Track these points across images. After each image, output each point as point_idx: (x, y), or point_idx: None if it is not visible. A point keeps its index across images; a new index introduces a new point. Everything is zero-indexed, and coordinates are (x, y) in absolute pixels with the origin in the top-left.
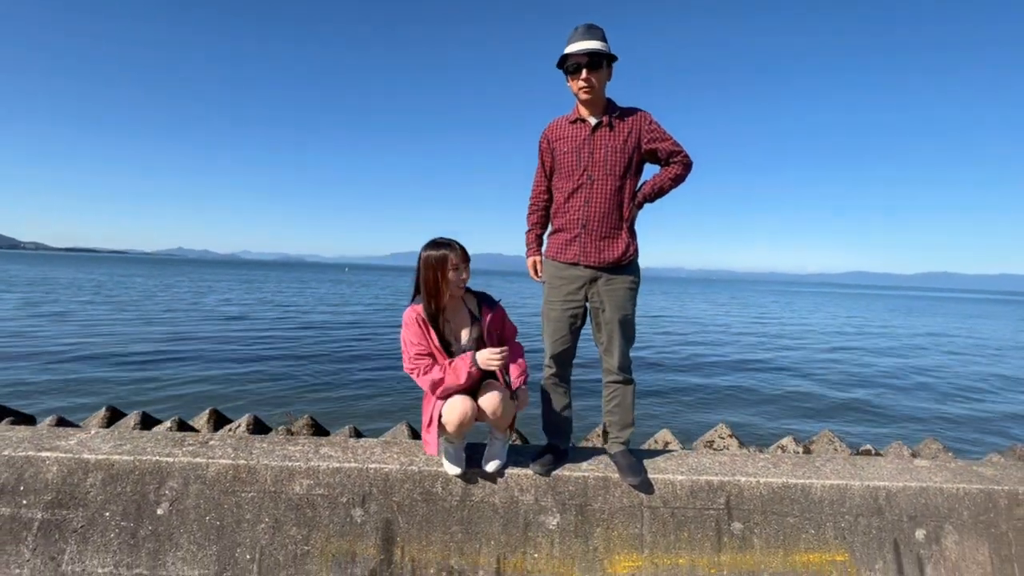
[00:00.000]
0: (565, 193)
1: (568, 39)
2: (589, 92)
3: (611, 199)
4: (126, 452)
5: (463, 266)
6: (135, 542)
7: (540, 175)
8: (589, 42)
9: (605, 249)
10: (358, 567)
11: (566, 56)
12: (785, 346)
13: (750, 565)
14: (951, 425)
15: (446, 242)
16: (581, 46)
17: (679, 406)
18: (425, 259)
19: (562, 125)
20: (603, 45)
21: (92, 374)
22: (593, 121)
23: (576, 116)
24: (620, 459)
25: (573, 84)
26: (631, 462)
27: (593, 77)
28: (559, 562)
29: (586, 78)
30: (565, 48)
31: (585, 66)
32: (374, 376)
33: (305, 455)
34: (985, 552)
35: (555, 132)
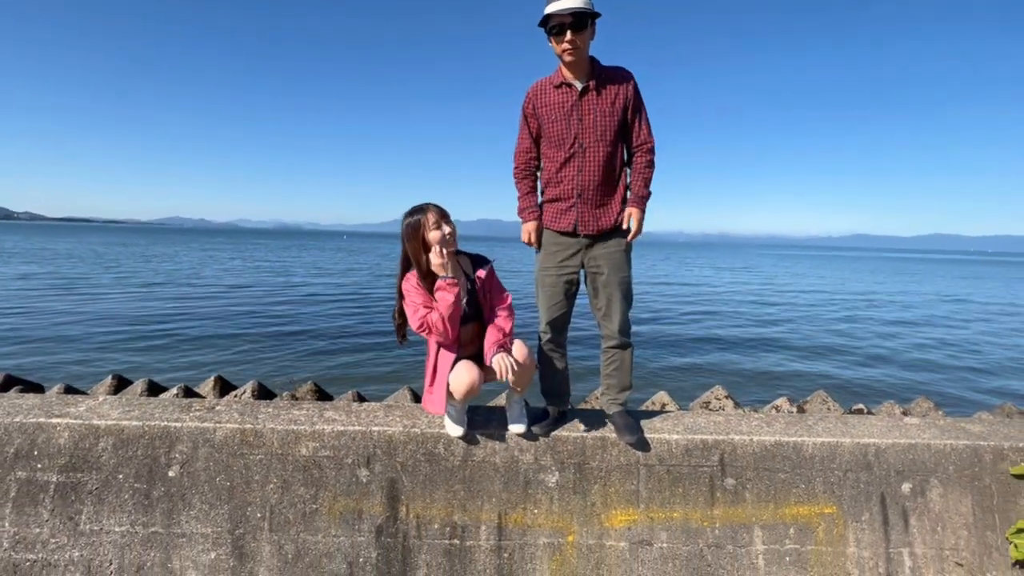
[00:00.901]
0: (557, 163)
1: None
2: (573, 54)
3: (604, 166)
4: (135, 418)
5: (442, 221)
6: (149, 502)
7: (526, 138)
8: (571, 1)
9: (602, 216)
10: (365, 523)
11: (548, 16)
12: (784, 308)
13: (742, 518)
14: (947, 383)
15: (418, 207)
16: (564, 5)
17: (676, 369)
18: (404, 229)
19: (547, 90)
20: (587, 2)
21: (97, 343)
22: (579, 86)
23: (560, 80)
24: (617, 419)
25: (556, 46)
26: (628, 422)
27: (578, 38)
28: (558, 517)
29: (570, 39)
30: (547, 6)
31: (569, 27)
32: (376, 342)
33: (310, 419)
34: (968, 504)
35: (540, 98)
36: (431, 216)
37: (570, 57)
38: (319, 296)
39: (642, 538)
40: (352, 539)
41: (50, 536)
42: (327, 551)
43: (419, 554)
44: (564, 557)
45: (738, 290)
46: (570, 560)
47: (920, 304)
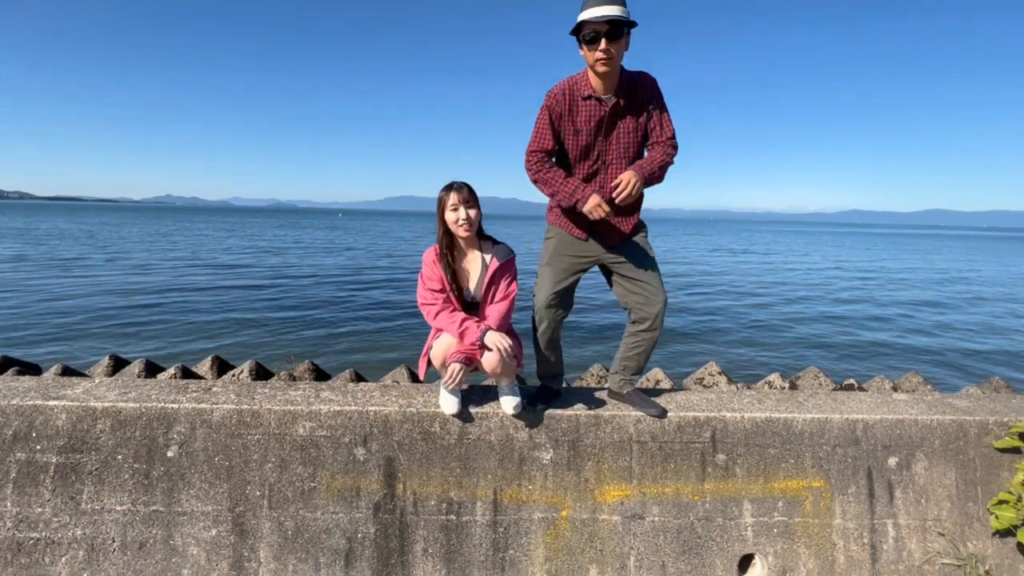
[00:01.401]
0: (577, 175)
1: (584, 3)
2: (607, 64)
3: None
4: (131, 400)
5: (464, 207)
6: (149, 482)
7: (548, 133)
8: (609, 7)
9: (621, 224)
10: (363, 501)
11: (582, 23)
12: (782, 284)
13: (731, 492)
14: (938, 358)
15: (449, 184)
16: (600, 12)
17: (671, 344)
18: (437, 201)
19: (575, 99)
20: (624, 11)
21: (95, 324)
22: (608, 100)
23: (589, 91)
24: (636, 398)
25: (589, 54)
26: (646, 398)
27: (612, 47)
28: (552, 492)
29: (605, 49)
30: (581, 13)
31: (604, 35)
32: (374, 321)
33: (306, 399)
34: (952, 477)
35: (568, 106)
36: (452, 197)
37: (604, 68)
38: (316, 275)
39: (634, 512)
40: (351, 516)
41: (52, 515)
42: (326, 527)
43: (416, 529)
44: (558, 531)
45: (737, 267)
46: (564, 533)
47: (917, 280)
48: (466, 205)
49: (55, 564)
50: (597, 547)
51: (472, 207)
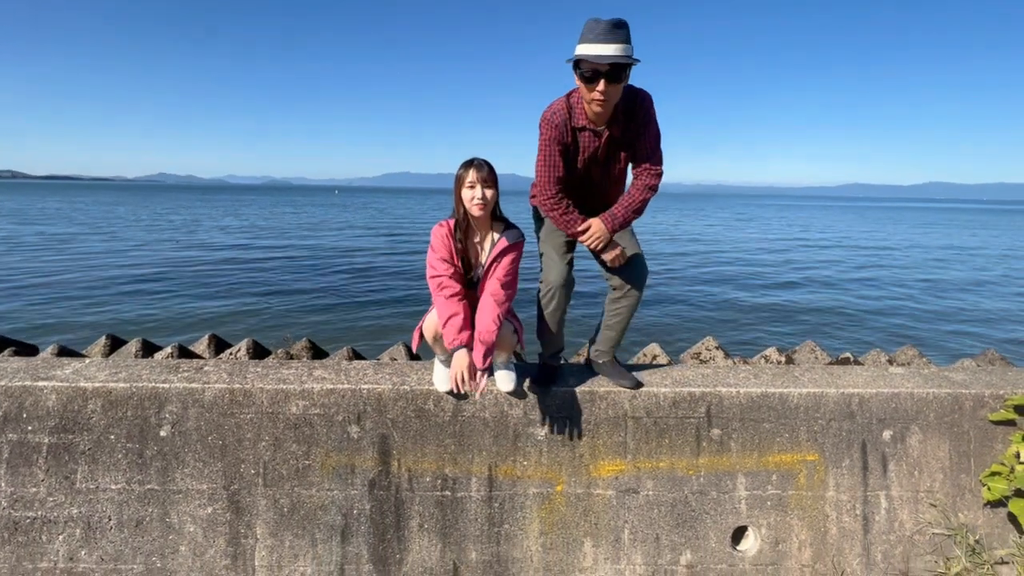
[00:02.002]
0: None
1: (585, 32)
2: (603, 106)
3: (610, 198)
4: (122, 380)
5: (481, 185)
6: (143, 461)
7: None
8: (612, 46)
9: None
10: (358, 477)
11: (580, 59)
12: (784, 261)
13: (726, 466)
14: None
15: (469, 161)
16: (602, 51)
17: (668, 319)
18: (456, 175)
19: (567, 128)
20: (627, 48)
21: (93, 304)
22: (602, 131)
23: (583, 122)
24: (609, 369)
25: (585, 91)
26: (621, 370)
27: (611, 89)
28: (547, 468)
29: (603, 90)
30: (580, 45)
31: (604, 75)
32: (372, 299)
33: (299, 378)
34: (946, 449)
35: (561, 133)
36: (470, 175)
37: (599, 108)
38: (315, 254)
39: (629, 487)
40: (346, 492)
41: (47, 495)
42: (322, 504)
43: (412, 505)
44: (553, 505)
45: (737, 242)
46: (559, 507)
47: (914, 252)
48: (484, 184)
49: (52, 542)
50: (592, 521)
51: (490, 187)
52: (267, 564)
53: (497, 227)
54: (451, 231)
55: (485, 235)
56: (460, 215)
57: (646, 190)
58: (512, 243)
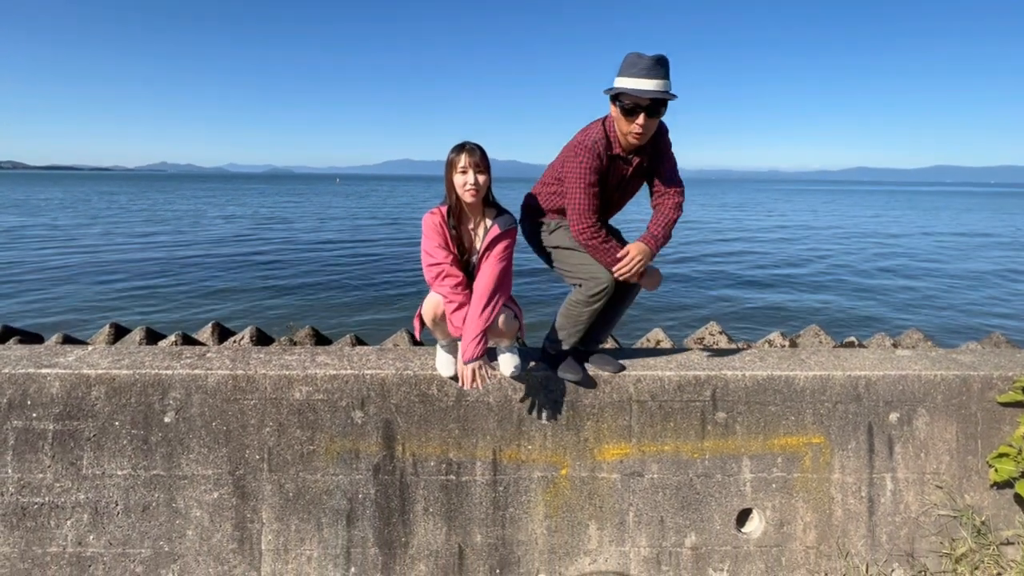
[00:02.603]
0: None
1: (627, 66)
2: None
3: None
4: (125, 367)
5: (473, 171)
6: (148, 447)
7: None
8: (653, 81)
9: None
10: (362, 463)
11: (621, 92)
12: (789, 247)
13: (731, 449)
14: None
15: (460, 145)
16: (645, 86)
17: (672, 305)
18: (446, 161)
19: (605, 155)
20: (667, 85)
21: (97, 294)
22: (631, 158)
23: (618, 151)
24: (597, 357)
25: (623, 123)
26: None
27: (650, 123)
28: (551, 452)
29: (642, 123)
30: (620, 78)
31: (644, 110)
32: (376, 287)
33: (302, 363)
34: (953, 431)
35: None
36: (462, 160)
37: (636, 141)
38: (319, 242)
39: (633, 470)
40: (351, 477)
41: (54, 480)
42: (327, 488)
43: (416, 489)
44: (558, 488)
45: (742, 227)
46: (564, 491)
47: (916, 238)
48: (476, 169)
49: (61, 527)
50: (596, 504)
51: (482, 172)
52: (273, 548)
53: (489, 213)
54: (444, 218)
55: (478, 221)
56: (453, 201)
57: (676, 208)
58: (505, 230)
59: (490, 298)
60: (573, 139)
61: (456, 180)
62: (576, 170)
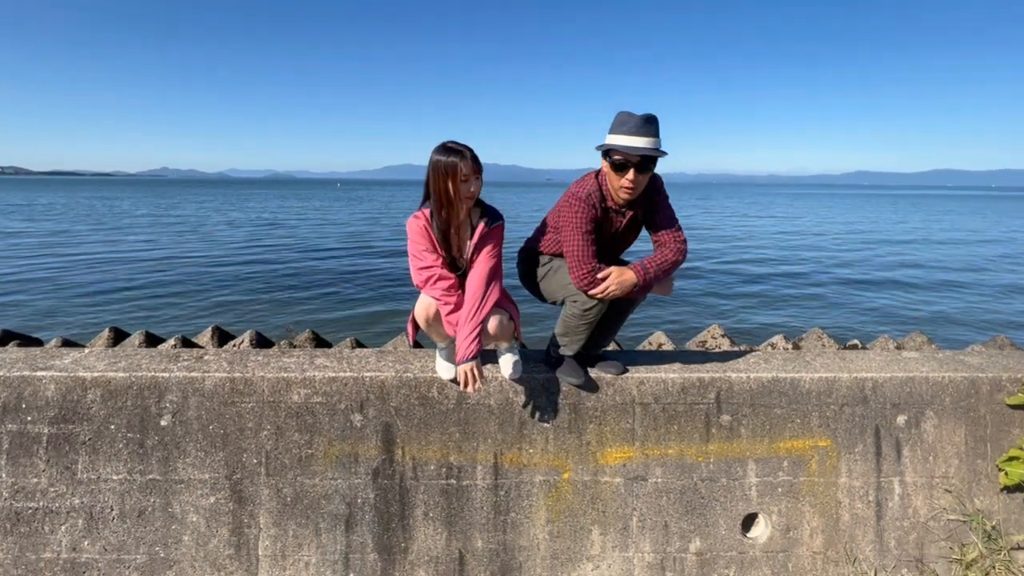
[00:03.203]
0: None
1: (617, 124)
2: (631, 193)
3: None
4: (121, 369)
5: (473, 178)
6: (144, 451)
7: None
8: (643, 139)
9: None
10: (361, 466)
11: (612, 149)
12: (792, 252)
13: (736, 452)
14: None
15: (457, 148)
16: (635, 143)
17: (674, 309)
18: (435, 164)
19: (599, 208)
20: (657, 143)
21: (100, 299)
22: (625, 211)
23: (611, 203)
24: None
25: (614, 178)
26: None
27: (640, 178)
28: (553, 456)
29: (633, 179)
30: (611, 135)
31: (635, 166)
32: (379, 291)
33: (300, 366)
34: (961, 434)
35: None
36: (463, 168)
37: (627, 195)
38: (321, 247)
39: (637, 474)
40: (349, 481)
41: (48, 485)
42: (325, 493)
43: (416, 494)
44: (560, 493)
45: (742, 231)
46: (566, 495)
47: (919, 240)
48: (475, 176)
49: (55, 532)
50: (599, 508)
51: (479, 177)
52: (271, 553)
53: (475, 212)
54: (428, 221)
55: (464, 221)
56: (443, 205)
57: (678, 252)
58: (492, 227)
59: (482, 297)
60: (568, 190)
61: (456, 187)
62: (572, 220)
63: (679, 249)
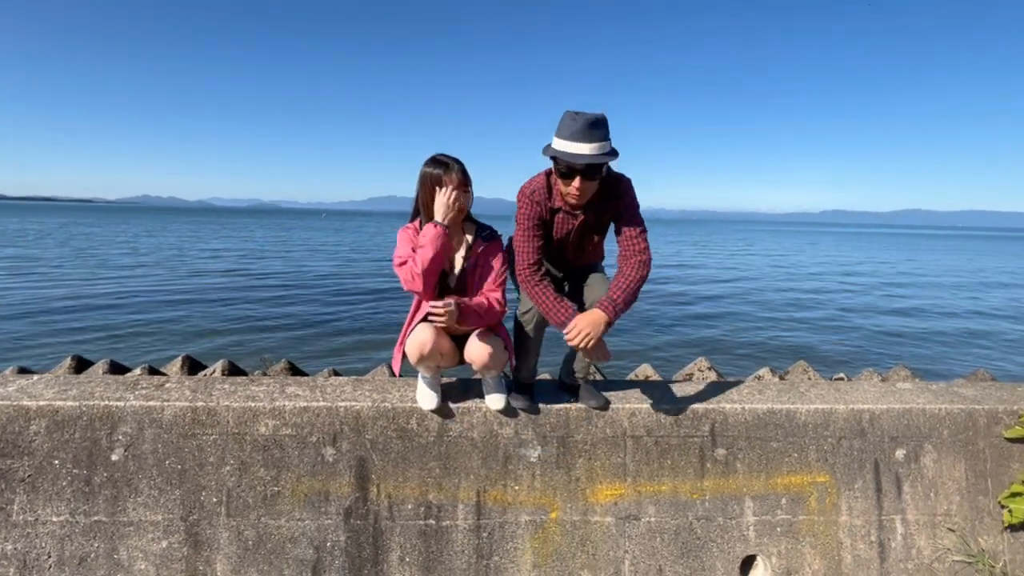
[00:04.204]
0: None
1: (562, 128)
2: (578, 199)
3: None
4: (71, 398)
5: (460, 190)
6: (90, 489)
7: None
8: (588, 145)
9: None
10: (332, 505)
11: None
12: (775, 286)
13: (732, 489)
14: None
15: (444, 160)
16: (578, 149)
17: (658, 343)
18: (423, 176)
19: (545, 207)
20: (604, 147)
21: (69, 329)
22: (578, 215)
23: (559, 204)
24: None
25: (560, 185)
26: (592, 390)
27: (587, 185)
28: (540, 493)
29: (579, 186)
30: (556, 139)
31: (580, 173)
32: (361, 323)
33: (270, 395)
34: (961, 469)
35: (540, 211)
36: (450, 178)
37: (574, 201)
38: (303, 278)
39: (629, 513)
40: (319, 522)
41: None
42: (291, 536)
43: (392, 536)
44: (547, 534)
45: (725, 266)
46: (553, 537)
47: (892, 274)
48: (462, 188)
49: None
50: (589, 551)
51: (467, 190)
52: None
53: (469, 228)
54: (417, 232)
55: (457, 238)
56: (431, 216)
57: (641, 265)
58: (491, 243)
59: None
60: (520, 188)
61: (441, 200)
62: (518, 217)
63: (641, 262)
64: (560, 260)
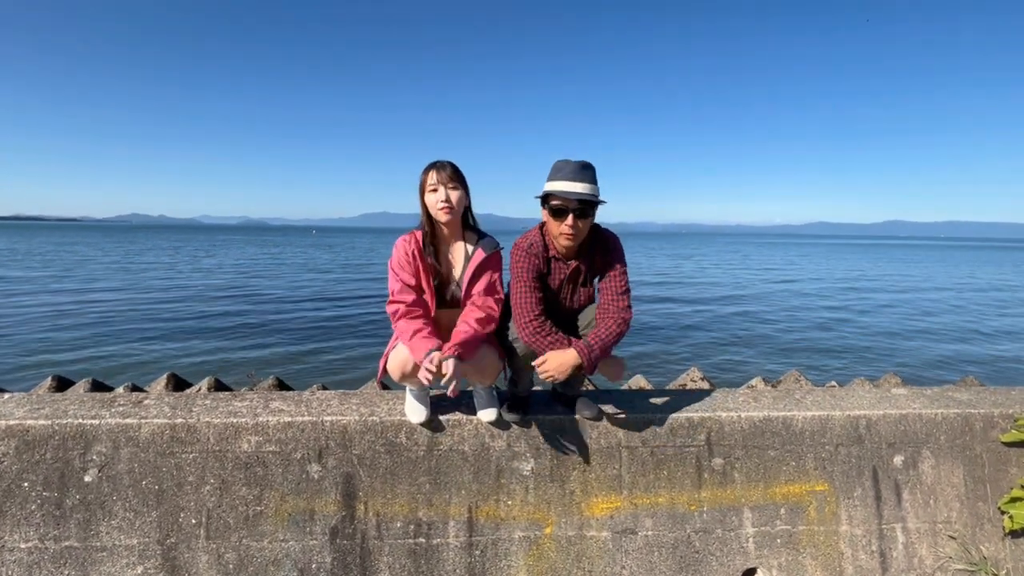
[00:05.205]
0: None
1: (554, 172)
2: (572, 239)
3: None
4: (43, 416)
5: (445, 187)
6: (61, 513)
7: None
8: (580, 184)
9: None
10: (318, 525)
11: (549, 194)
12: (763, 297)
13: (730, 500)
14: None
15: (431, 163)
16: (571, 188)
17: (650, 354)
18: (419, 182)
19: (542, 257)
20: (595, 188)
21: (54, 347)
22: (571, 262)
23: (554, 253)
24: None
25: (554, 226)
26: (588, 402)
27: (580, 223)
28: (534, 508)
29: (572, 225)
30: (549, 182)
31: (572, 211)
32: (353, 339)
33: (252, 410)
34: (960, 475)
35: (539, 263)
36: (432, 176)
37: (567, 242)
38: (295, 295)
39: (626, 526)
40: (303, 543)
41: None
42: (274, 558)
43: (380, 556)
44: (542, 551)
45: (713, 278)
46: (548, 554)
47: (879, 283)
48: (448, 186)
49: None
50: (585, 568)
51: (455, 188)
52: None
53: (471, 238)
54: (419, 245)
55: (457, 246)
56: (428, 225)
57: (621, 323)
58: (490, 253)
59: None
60: (513, 244)
61: (428, 200)
62: (515, 271)
63: (621, 319)
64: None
